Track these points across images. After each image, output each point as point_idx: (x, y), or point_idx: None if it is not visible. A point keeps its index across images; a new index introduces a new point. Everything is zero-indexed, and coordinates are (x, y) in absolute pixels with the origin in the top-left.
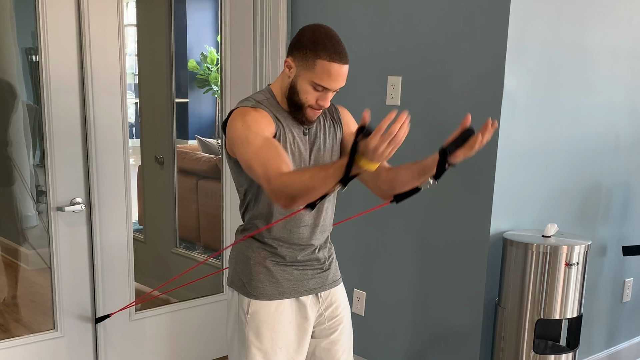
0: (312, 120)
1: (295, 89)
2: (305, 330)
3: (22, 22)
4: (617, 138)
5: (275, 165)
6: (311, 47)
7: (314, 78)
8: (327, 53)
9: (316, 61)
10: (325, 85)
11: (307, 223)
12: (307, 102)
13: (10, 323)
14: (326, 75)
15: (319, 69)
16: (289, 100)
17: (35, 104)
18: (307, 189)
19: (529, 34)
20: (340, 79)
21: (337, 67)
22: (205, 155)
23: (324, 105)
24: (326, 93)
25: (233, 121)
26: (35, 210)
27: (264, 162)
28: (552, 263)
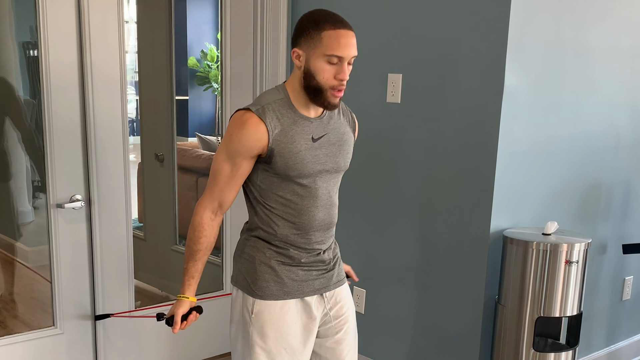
0: (335, 103)
1: (311, 73)
2: (310, 331)
3: (19, 16)
4: (617, 136)
5: (210, 199)
6: (313, 25)
7: (325, 51)
8: (330, 23)
9: (322, 34)
10: (338, 54)
11: (313, 221)
12: (326, 83)
13: (9, 319)
14: (335, 43)
15: (327, 40)
16: (307, 88)
17: (32, 98)
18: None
19: (530, 31)
20: (349, 44)
21: (344, 33)
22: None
23: (343, 78)
24: (342, 65)
25: (231, 123)
26: (31, 206)
27: (210, 186)
28: (552, 261)
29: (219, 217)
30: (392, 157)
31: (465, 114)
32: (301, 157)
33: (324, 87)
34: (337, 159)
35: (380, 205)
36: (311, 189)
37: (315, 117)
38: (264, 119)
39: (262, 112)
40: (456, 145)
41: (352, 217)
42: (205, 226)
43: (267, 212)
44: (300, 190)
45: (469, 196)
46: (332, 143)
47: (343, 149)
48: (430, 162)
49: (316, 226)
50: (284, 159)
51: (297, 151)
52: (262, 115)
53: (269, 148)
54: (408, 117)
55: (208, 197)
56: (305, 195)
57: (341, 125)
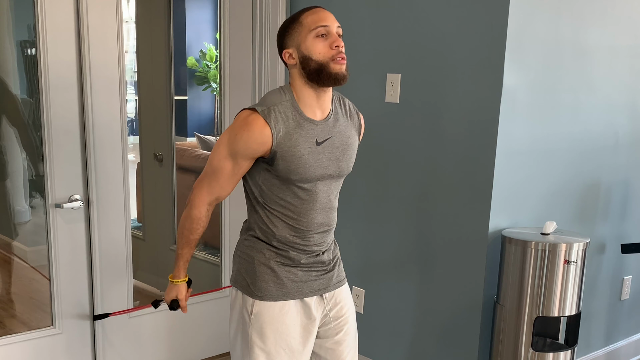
0: (342, 73)
1: (306, 57)
2: (309, 332)
3: (17, 15)
4: (616, 136)
5: (208, 193)
6: (290, 22)
7: (309, 29)
8: (304, 9)
9: (301, 21)
10: (322, 24)
11: (317, 230)
12: (324, 57)
13: (7, 319)
14: (316, 17)
15: (307, 20)
16: (310, 74)
17: (30, 97)
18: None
19: (529, 31)
20: (329, 16)
21: (321, 10)
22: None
23: (338, 44)
24: (331, 35)
25: (236, 121)
26: (27, 205)
27: (208, 180)
28: (551, 261)
29: (213, 207)
30: (391, 157)
31: (464, 113)
32: (304, 162)
33: (324, 61)
34: (340, 163)
35: (379, 204)
36: (312, 192)
37: (321, 120)
38: (269, 122)
39: (268, 113)
40: (455, 145)
41: (351, 217)
42: (204, 218)
43: (266, 213)
44: (301, 194)
45: (468, 196)
46: (336, 147)
47: (347, 153)
48: (429, 161)
49: (315, 229)
50: (287, 163)
51: (299, 155)
52: (268, 118)
53: (272, 151)
54: (407, 117)
55: (207, 192)
56: (305, 199)
57: (347, 129)
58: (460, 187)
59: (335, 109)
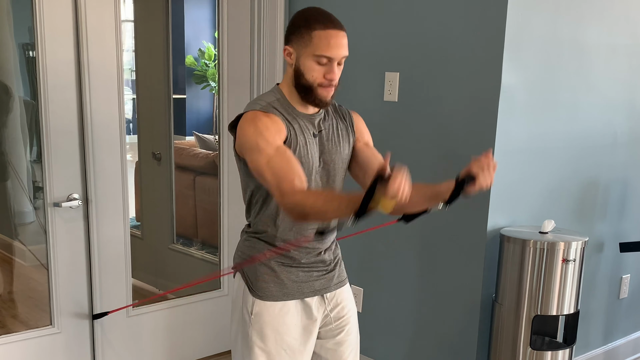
0: (326, 101)
1: (301, 71)
2: (310, 332)
3: (18, 18)
4: (614, 134)
5: (289, 178)
6: (304, 24)
7: (314, 51)
8: (321, 23)
9: (312, 34)
10: (327, 54)
11: (315, 225)
12: (315, 81)
13: (7, 319)
14: (325, 44)
15: (317, 40)
16: (298, 86)
17: (32, 99)
18: (319, 211)
19: (527, 29)
20: (339, 45)
21: (334, 33)
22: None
23: (332, 78)
24: (331, 65)
25: (244, 125)
26: (32, 207)
27: (277, 174)
28: (549, 259)
29: (303, 184)
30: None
31: (462, 112)
32: (306, 152)
33: (313, 85)
34: (332, 156)
35: None
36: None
37: (313, 114)
38: (272, 112)
39: (268, 108)
40: (453, 144)
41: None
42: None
43: (267, 213)
44: None
45: None
46: (328, 139)
47: (339, 147)
48: (427, 160)
49: (312, 224)
50: (297, 149)
51: (304, 143)
52: (269, 110)
53: (288, 133)
54: (405, 115)
55: (286, 185)
56: None
57: (338, 126)
58: None
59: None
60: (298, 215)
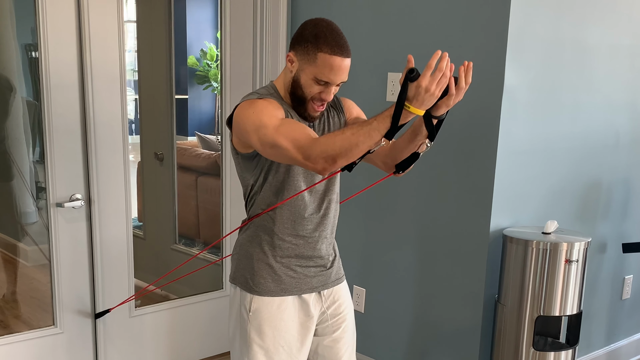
0: (315, 116)
1: (298, 83)
2: (308, 329)
3: (21, 18)
4: (616, 135)
5: (304, 133)
6: (312, 40)
7: (316, 73)
8: (329, 46)
9: (317, 54)
10: (327, 80)
11: (311, 212)
12: (309, 96)
13: (10, 319)
14: (328, 69)
15: (321, 63)
16: (292, 95)
17: (35, 100)
18: (350, 146)
19: (529, 30)
20: (342, 72)
21: (339, 61)
22: (204, 152)
23: (326, 99)
24: (329, 87)
25: (241, 112)
26: (35, 207)
27: (290, 134)
28: (552, 260)
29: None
30: None
31: (465, 112)
32: None
33: (307, 98)
34: None
35: (380, 203)
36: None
37: None
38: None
39: (263, 97)
40: (456, 144)
41: (352, 216)
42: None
43: (264, 209)
44: (297, 183)
45: (469, 195)
46: (321, 130)
47: None
48: (430, 161)
49: (314, 222)
50: None
51: None
52: (265, 97)
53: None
54: None
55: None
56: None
57: (333, 117)
58: (462, 186)
59: None
60: (325, 160)
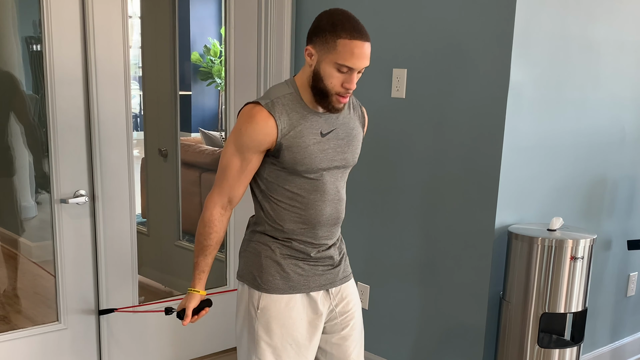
0: (339, 108)
1: (319, 76)
2: (316, 327)
3: (23, 11)
4: (622, 131)
5: (219, 195)
6: (330, 29)
7: (337, 59)
8: (347, 32)
9: (337, 41)
10: (349, 65)
11: (321, 215)
12: (333, 89)
13: (12, 314)
14: (349, 54)
15: (341, 49)
16: (314, 88)
17: (36, 93)
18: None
19: (535, 26)
20: (363, 56)
21: (360, 44)
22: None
23: (350, 87)
24: (351, 74)
25: (241, 116)
26: (34, 201)
27: (221, 181)
28: (557, 257)
29: (228, 212)
30: (397, 153)
31: (471, 109)
32: (309, 152)
33: (330, 92)
34: (345, 154)
35: (385, 200)
36: (319, 183)
37: (324, 112)
38: (273, 114)
39: (272, 106)
40: (461, 141)
41: (357, 212)
42: (216, 222)
43: (273, 207)
44: (308, 185)
45: (474, 191)
46: (340, 138)
47: (352, 144)
48: (435, 157)
49: (323, 221)
50: (292, 154)
51: (305, 146)
52: (272, 110)
53: (278, 143)
54: (413, 112)
55: (217, 193)
56: (312, 190)
57: (350, 121)
58: (467, 183)
59: None
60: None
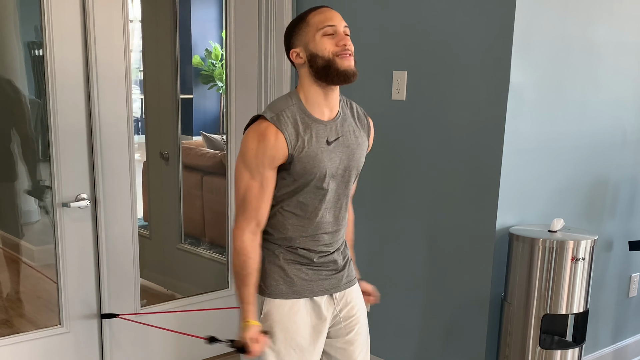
0: (351, 69)
1: (314, 55)
2: (319, 332)
3: (25, 16)
4: (623, 133)
5: (245, 221)
6: (297, 21)
7: (317, 29)
8: (312, 9)
9: (308, 21)
10: (329, 23)
11: (324, 221)
12: (330, 53)
13: (15, 318)
14: (322, 17)
15: (314, 19)
16: (318, 71)
17: (38, 98)
18: (235, 276)
19: (536, 28)
20: (336, 15)
21: (327, 9)
22: (210, 151)
23: (345, 43)
24: (339, 34)
25: (248, 135)
26: (37, 206)
27: (244, 206)
28: (559, 258)
29: (258, 236)
30: (398, 155)
31: (471, 111)
32: (318, 161)
33: (330, 58)
34: (350, 162)
35: (386, 202)
36: (323, 191)
37: (329, 120)
38: (280, 127)
39: (278, 120)
40: (462, 143)
41: (358, 215)
42: (248, 248)
43: (277, 214)
44: (312, 193)
45: (475, 193)
46: (346, 146)
47: (356, 152)
48: (436, 159)
49: (325, 228)
50: (302, 164)
51: (314, 155)
52: (278, 124)
53: (290, 155)
54: (413, 114)
55: (243, 220)
56: (316, 198)
57: (355, 129)
58: (468, 184)
59: (343, 109)
60: (233, 256)
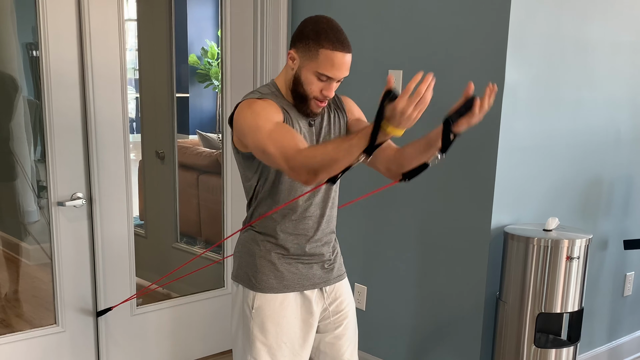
0: (316, 113)
1: (300, 81)
2: (310, 325)
3: (22, 17)
4: (618, 131)
5: (292, 143)
6: (313, 37)
7: (317, 68)
8: (330, 42)
9: (319, 51)
10: (329, 75)
11: (312, 214)
12: (311, 94)
13: (12, 318)
14: (329, 65)
15: (322, 59)
16: (294, 92)
17: (36, 99)
18: (330, 160)
19: (530, 26)
20: (343, 68)
21: (340, 56)
22: (206, 150)
23: (328, 95)
24: (330, 83)
25: (240, 112)
26: (36, 206)
27: (279, 142)
28: (553, 257)
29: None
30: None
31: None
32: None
33: (309, 97)
34: None
35: (381, 201)
36: None
37: None
38: (269, 99)
39: (264, 97)
40: (456, 141)
41: (353, 213)
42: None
43: (265, 209)
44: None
45: (470, 192)
46: (326, 132)
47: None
48: None
49: (314, 220)
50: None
51: (299, 131)
52: (266, 97)
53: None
54: None
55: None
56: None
57: (330, 112)
58: (463, 183)
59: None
60: (308, 173)
